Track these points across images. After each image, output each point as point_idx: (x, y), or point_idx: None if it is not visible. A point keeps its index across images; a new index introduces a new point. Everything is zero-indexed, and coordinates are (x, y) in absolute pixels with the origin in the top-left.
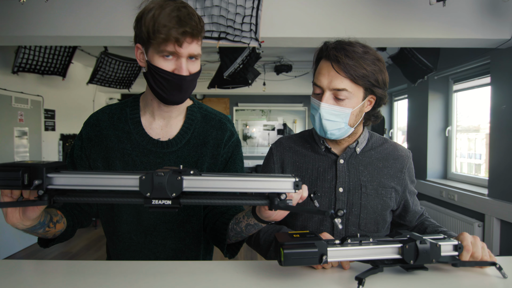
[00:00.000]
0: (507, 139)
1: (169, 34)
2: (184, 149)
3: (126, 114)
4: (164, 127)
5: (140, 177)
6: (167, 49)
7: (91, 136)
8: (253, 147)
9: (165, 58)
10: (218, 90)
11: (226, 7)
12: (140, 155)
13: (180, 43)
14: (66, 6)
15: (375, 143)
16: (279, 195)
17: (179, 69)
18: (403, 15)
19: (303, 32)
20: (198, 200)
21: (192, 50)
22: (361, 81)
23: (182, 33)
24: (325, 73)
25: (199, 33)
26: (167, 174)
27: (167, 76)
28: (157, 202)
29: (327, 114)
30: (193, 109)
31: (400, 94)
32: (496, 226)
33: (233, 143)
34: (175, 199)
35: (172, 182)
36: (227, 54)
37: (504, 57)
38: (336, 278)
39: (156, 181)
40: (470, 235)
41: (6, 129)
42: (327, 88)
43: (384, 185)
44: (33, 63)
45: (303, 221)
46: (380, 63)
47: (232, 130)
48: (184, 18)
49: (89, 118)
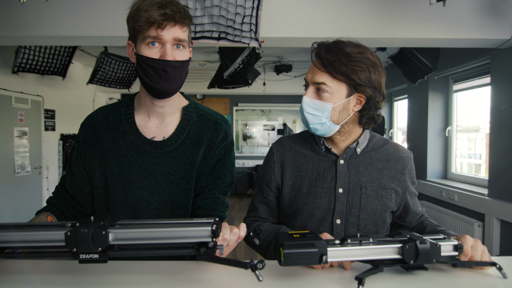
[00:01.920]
0: (507, 139)
1: (149, 17)
2: (179, 149)
3: (121, 114)
4: (159, 125)
5: (65, 232)
6: (150, 34)
7: (86, 138)
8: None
9: (150, 47)
10: (218, 90)
11: (226, 7)
12: (135, 155)
13: (161, 26)
14: (66, 6)
15: (376, 144)
16: (206, 243)
17: (163, 55)
18: (403, 15)
19: (303, 32)
20: (126, 252)
21: (176, 34)
22: (342, 77)
23: (163, 15)
24: (311, 68)
25: (182, 19)
26: (91, 229)
27: (152, 63)
28: (84, 256)
29: (307, 107)
30: (189, 109)
31: (400, 94)
32: (496, 226)
33: (226, 146)
34: (103, 252)
35: (97, 236)
36: (227, 54)
37: (504, 57)
38: (336, 278)
39: (80, 237)
40: (472, 238)
41: (6, 129)
42: (310, 82)
43: (384, 186)
44: (33, 63)
45: (303, 221)
46: (368, 62)
47: (227, 131)
48: (165, 3)
49: (85, 121)
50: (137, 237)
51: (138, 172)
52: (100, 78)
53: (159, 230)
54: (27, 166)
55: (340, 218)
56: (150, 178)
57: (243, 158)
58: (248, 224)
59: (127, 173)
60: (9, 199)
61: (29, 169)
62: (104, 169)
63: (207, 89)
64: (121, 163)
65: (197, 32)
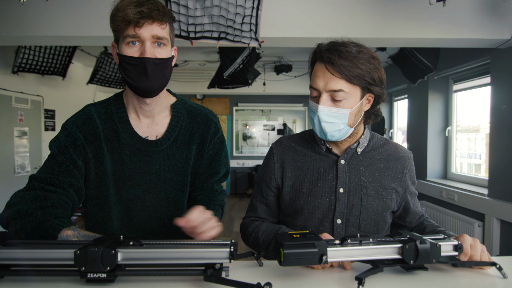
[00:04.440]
0: (507, 139)
1: (125, 16)
2: (172, 146)
3: (112, 112)
4: (150, 125)
5: (75, 251)
6: (129, 33)
7: (86, 134)
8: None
9: (131, 46)
10: (218, 90)
11: (226, 7)
12: (129, 153)
13: (139, 24)
14: (66, 6)
15: (376, 144)
16: (213, 265)
17: (143, 53)
18: (403, 15)
19: (303, 32)
20: (134, 272)
21: (154, 32)
22: (357, 81)
23: (139, 13)
24: (320, 75)
25: (160, 16)
26: (101, 248)
27: (132, 61)
28: (92, 275)
29: (325, 116)
30: (177, 106)
31: (400, 94)
32: (496, 226)
33: (219, 140)
34: (111, 271)
35: (106, 256)
36: (227, 54)
37: (504, 57)
38: (336, 278)
39: (90, 256)
40: (470, 238)
41: (6, 129)
42: (324, 90)
43: (385, 186)
44: (33, 63)
45: (303, 221)
46: (375, 61)
47: (217, 125)
48: (142, 1)
49: (76, 117)
50: (147, 257)
51: (132, 171)
52: (100, 78)
53: (170, 250)
54: (27, 166)
55: (340, 218)
56: (145, 177)
57: (243, 158)
58: (247, 224)
59: (121, 172)
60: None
61: (29, 169)
62: (98, 168)
63: (207, 89)
64: (115, 161)
65: (197, 32)
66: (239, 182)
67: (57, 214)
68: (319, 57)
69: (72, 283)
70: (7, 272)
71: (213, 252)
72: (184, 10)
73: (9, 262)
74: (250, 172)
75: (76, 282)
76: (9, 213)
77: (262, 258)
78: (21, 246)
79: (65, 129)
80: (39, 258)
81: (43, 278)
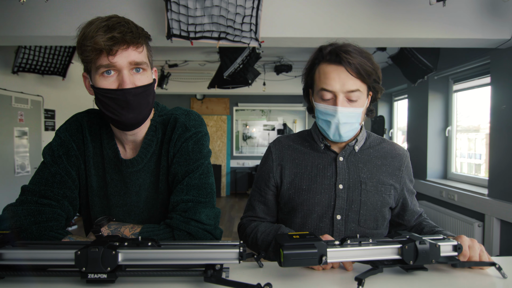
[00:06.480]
0: (507, 139)
1: (94, 44)
2: (150, 163)
3: (101, 124)
4: (134, 148)
5: (76, 252)
6: (102, 63)
7: (79, 144)
8: (253, 147)
9: (106, 76)
10: (218, 90)
11: (226, 7)
12: (111, 171)
13: (112, 52)
14: (66, 6)
15: (373, 142)
16: (213, 266)
17: (122, 84)
18: (403, 15)
19: (303, 32)
20: (134, 273)
21: (131, 58)
22: (369, 79)
23: (110, 39)
24: (335, 76)
25: (135, 39)
26: (101, 249)
27: (110, 94)
28: (93, 276)
29: (344, 117)
30: (155, 120)
31: (400, 94)
32: (496, 226)
33: (184, 138)
34: (111, 272)
35: (107, 256)
36: (227, 54)
37: (504, 57)
38: (336, 278)
39: (90, 256)
40: (468, 238)
41: (6, 129)
42: (340, 91)
43: (383, 182)
44: (33, 63)
45: (303, 217)
46: (374, 59)
47: (186, 124)
48: (112, 25)
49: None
50: (147, 257)
51: (113, 190)
52: None
53: (168, 251)
54: (27, 166)
55: (340, 213)
56: (125, 198)
57: (243, 158)
58: (245, 224)
59: (104, 189)
60: (9, 199)
61: (29, 169)
62: (86, 181)
63: (207, 89)
64: (99, 177)
65: (197, 32)
66: (239, 182)
67: (52, 227)
68: (327, 58)
69: (72, 283)
70: (7, 272)
71: (222, 253)
72: (184, 10)
73: (9, 262)
74: (250, 172)
75: (77, 282)
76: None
77: (262, 259)
78: (22, 247)
79: (58, 137)
80: (39, 258)
81: (43, 278)
